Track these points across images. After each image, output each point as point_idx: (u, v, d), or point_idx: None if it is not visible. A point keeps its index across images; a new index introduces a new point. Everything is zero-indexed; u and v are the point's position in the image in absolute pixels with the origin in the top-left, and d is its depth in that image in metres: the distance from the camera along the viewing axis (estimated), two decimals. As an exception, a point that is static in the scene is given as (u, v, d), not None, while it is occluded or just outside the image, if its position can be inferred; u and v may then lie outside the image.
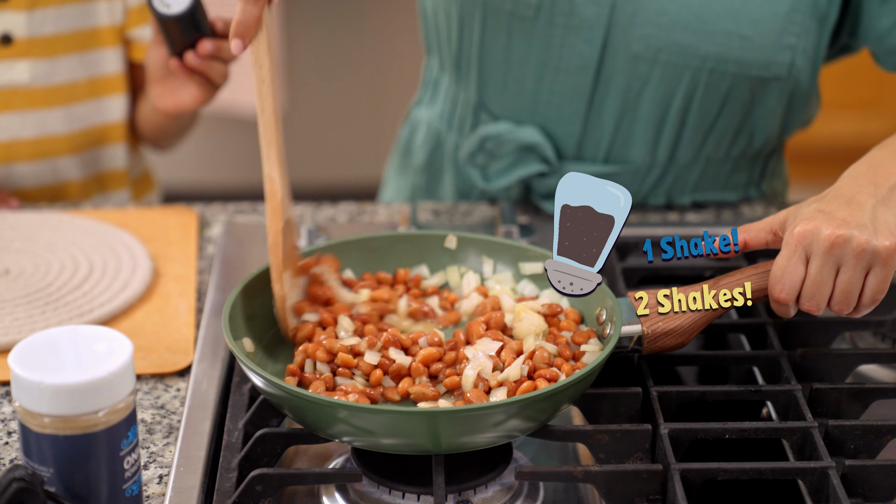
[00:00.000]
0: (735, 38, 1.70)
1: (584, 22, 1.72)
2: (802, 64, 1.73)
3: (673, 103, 1.76)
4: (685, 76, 1.73)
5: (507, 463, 1.35)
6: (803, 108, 1.81)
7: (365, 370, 1.38)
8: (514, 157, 1.82)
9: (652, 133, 1.79)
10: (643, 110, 1.77)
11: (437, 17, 1.84)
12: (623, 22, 1.71)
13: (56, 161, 1.99)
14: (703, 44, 1.70)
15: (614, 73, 1.75)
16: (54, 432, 1.18)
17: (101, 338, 1.22)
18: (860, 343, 1.61)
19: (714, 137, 1.80)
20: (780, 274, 1.37)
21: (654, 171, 1.83)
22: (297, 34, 3.81)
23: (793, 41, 1.71)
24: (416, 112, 2.00)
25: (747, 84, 1.73)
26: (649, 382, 1.42)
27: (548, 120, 1.80)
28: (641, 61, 1.73)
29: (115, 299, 1.63)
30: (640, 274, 1.66)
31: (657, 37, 1.71)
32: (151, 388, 1.50)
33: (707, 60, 1.71)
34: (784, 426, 1.37)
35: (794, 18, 1.70)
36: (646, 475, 1.31)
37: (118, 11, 1.96)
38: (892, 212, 1.39)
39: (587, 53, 1.74)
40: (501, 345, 1.39)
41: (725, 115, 1.77)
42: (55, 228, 1.78)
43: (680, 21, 1.70)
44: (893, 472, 1.33)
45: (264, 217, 1.86)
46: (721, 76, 1.72)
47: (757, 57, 1.71)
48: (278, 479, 1.30)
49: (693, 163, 1.83)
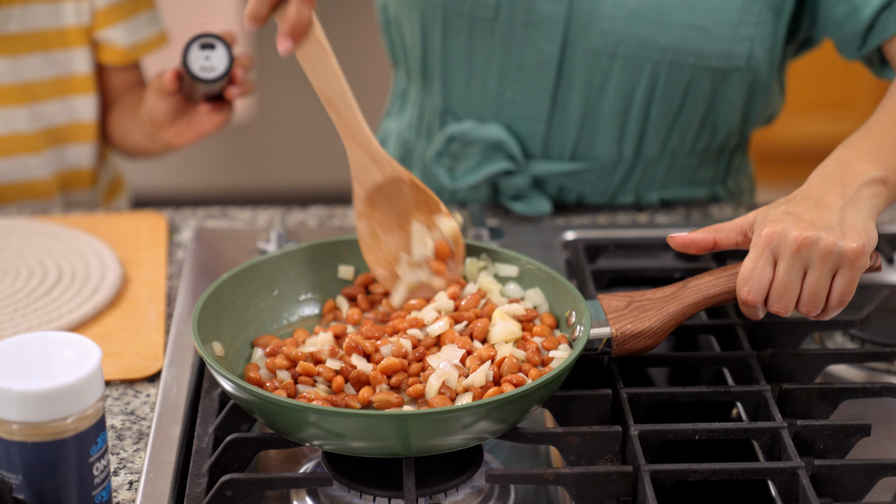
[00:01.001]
0: (693, 29, 1.71)
1: (543, 19, 1.74)
2: (761, 54, 1.74)
3: (635, 97, 1.77)
4: (645, 69, 1.74)
5: (477, 466, 1.35)
6: (765, 100, 1.82)
7: (326, 377, 1.38)
8: (480, 155, 1.82)
9: (616, 128, 1.80)
10: (606, 105, 1.78)
11: (401, 27, 1.85)
12: (582, 17, 1.73)
13: (23, 159, 1.98)
14: (662, 36, 1.72)
15: (575, 70, 1.76)
16: (23, 439, 1.18)
17: (70, 344, 1.22)
18: (829, 343, 1.61)
19: (678, 131, 1.81)
20: (747, 276, 1.38)
21: (621, 167, 1.84)
22: (267, 39, 3.81)
23: (750, 31, 1.72)
24: (386, 124, 2.01)
25: (707, 76, 1.75)
26: (619, 384, 1.42)
27: (513, 119, 1.81)
28: (602, 56, 1.74)
29: (85, 305, 1.63)
30: (610, 276, 1.66)
31: (616, 31, 1.72)
32: (121, 394, 1.50)
33: (666, 52, 1.73)
34: (754, 426, 1.37)
35: (750, 9, 1.71)
36: (616, 477, 1.31)
37: (85, 12, 1.96)
38: (860, 213, 1.40)
39: (548, 50, 1.75)
40: (465, 352, 1.39)
41: (688, 107, 1.78)
42: (23, 234, 1.77)
43: (638, 14, 1.72)
44: (862, 472, 1.33)
45: (234, 221, 1.86)
46: (681, 68, 1.74)
47: (715, 48, 1.72)
48: (248, 484, 1.30)
49: (659, 158, 1.84)
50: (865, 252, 1.36)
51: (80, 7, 1.96)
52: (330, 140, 3.97)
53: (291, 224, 1.85)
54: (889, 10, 1.66)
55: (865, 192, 1.42)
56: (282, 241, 1.73)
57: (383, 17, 1.88)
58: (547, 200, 1.85)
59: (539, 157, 1.83)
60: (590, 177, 1.84)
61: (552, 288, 1.47)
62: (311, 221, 1.87)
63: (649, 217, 1.87)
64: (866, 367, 1.57)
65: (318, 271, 1.53)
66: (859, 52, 1.71)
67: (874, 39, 1.68)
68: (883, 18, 1.67)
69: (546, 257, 1.72)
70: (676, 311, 1.42)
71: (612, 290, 1.64)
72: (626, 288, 1.63)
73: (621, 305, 1.42)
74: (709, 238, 1.42)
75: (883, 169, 1.44)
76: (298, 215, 1.88)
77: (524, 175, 1.82)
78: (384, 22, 1.89)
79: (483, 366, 1.37)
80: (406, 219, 1.51)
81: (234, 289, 1.46)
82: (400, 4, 1.82)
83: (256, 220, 1.87)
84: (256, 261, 1.50)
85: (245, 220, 1.87)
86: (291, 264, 1.52)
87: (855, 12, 1.68)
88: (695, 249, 1.43)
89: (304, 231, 1.81)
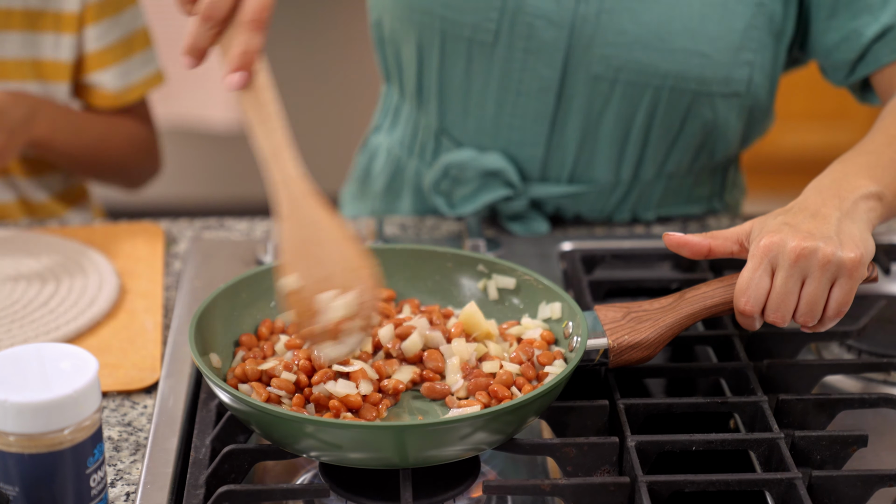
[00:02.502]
0: (694, 55, 1.70)
1: (543, 45, 1.72)
2: (760, 80, 1.74)
3: (635, 122, 1.76)
4: (646, 95, 1.73)
5: (474, 477, 1.35)
6: (763, 124, 1.83)
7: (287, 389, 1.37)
8: (478, 182, 1.81)
9: (615, 152, 1.79)
10: (605, 130, 1.77)
11: (397, 46, 1.82)
12: (582, 43, 1.71)
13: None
14: (663, 62, 1.71)
15: (575, 95, 1.75)
16: (20, 451, 1.18)
17: (67, 355, 1.22)
18: (826, 354, 1.61)
19: (676, 154, 1.80)
20: (745, 286, 1.38)
21: (618, 189, 1.83)
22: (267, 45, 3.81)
23: (750, 57, 1.72)
24: (375, 139, 1.99)
25: (707, 101, 1.74)
26: (616, 395, 1.42)
27: (510, 143, 1.80)
28: (602, 81, 1.73)
29: (82, 316, 1.63)
30: (607, 287, 1.66)
31: (617, 56, 1.71)
32: (118, 406, 1.50)
33: (667, 78, 1.72)
34: (751, 437, 1.37)
35: (751, 34, 1.71)
36: (613, 488, 1.31)
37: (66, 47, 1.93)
38: (857, 225, 1.40)
39: (548, 76, 1.74)
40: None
41: (687, 132, 1.77)
42: (20, 245, 1.77)
43: (639, 40, 1.70)
44: (860, 483, 1.33)
45: (231, 232, 1.86)
46: (681, 94, 1.73)
47: (716, 73, 1.72)
48: (245, 495, 1.30)
49: (656, 179, 1.83)
50: (864, 262, 1.36)
51: (60, 41, 1.93)
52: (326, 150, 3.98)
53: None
54: (882, 41, 1.66)
55: (862, 206, 1.42)
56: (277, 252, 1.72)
57: (377, 34, 1.85)
58: (544, 221, 1.84)
59: (537, 181, 1.82)
60: (587, 198, 1.83)
61: (549, 299, 1.47)
62: (307, 232, 1.86)
63: (646, 228, 1.87)
64: (863, 378, 1.57)
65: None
66: (847, 79, 1.72)
67: (864, 69, 1.69)
68: (875, 49, 1.67)
69: (543, 268, 1.72)
70: (673, 321, 1.42)
71: (609, 300, 1.64)
72: (623, 299, 1.63)
73: (618, 316, 1.42)
74: (704, 243, 1.42)
75: (879, 185, 1.44)
76: (295, 226, 1.88)
77: (522, 199, 1.81)
78: (378, 39, 1.85)
79: (461, 339, 1.40)
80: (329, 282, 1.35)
81: (231, 300, 1.46)
82: (396, 24, 1.80)
83: (254, 230, 1.86)
84: (254, 272, 1.49)
85: (242, 231, 1.87)
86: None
87: (848, 41, 1.68)
88: (688, 252, 1.42)
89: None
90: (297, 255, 1.33)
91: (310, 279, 1.32)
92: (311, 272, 1.32)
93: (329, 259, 1.33)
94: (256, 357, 1.42)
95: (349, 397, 1.34)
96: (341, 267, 1.33)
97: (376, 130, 1.99)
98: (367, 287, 1.33)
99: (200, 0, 1.34)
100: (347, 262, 1.33)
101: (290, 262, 1.33)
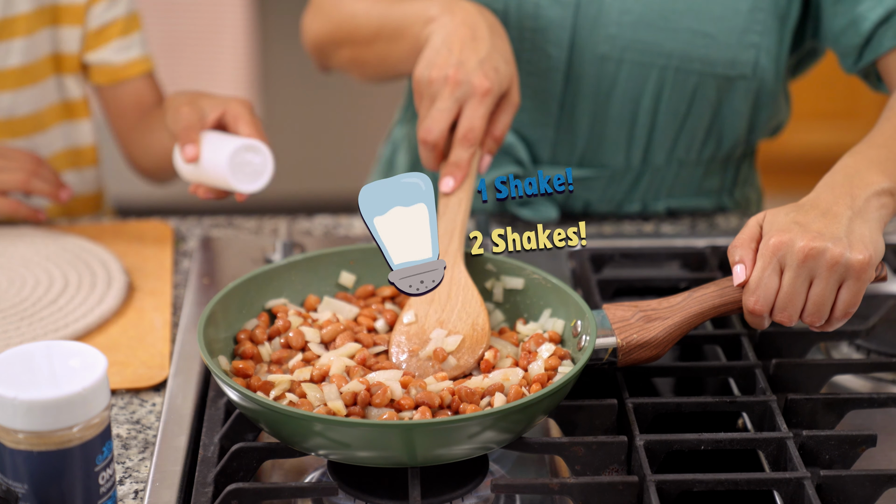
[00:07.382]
0: (698, 35, 1.72)
1: (549, 24, 1.75)
2: (766, 63, 1.75)
3: (642, 103, 1.78)
4: (652, 75, 1.75)
5: (483, 475, 1.35)
6: (770, 110, 1.83)
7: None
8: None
9: (624, 135, 1.81)
10: (613, 112, 1.79)
11: None
12: (588, 22, 1.74)
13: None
14: (668, 42, 1.73)
15: (583, 75, 1.77)
16: (29, 448, 1.18)
17: (76, 353, 1.22)
18: (835, 354, 1.61)
19: (685, 138, 1.82)
20: (754, 285, 1.38)
21: (629, 174, 1.84)
22: (273, 44, 3.81)
23: (756, 39, 1.73)
24: (398, 130, 2.01)
25: (713, 83, 1.76)
26: (625, 394, 1.42)
27: (522, 124, 1.82)
28: (608, 61, 1.75)
29: (90, 314, 1.63)
30: (616, 286, 1.66)
31: (622, 36, 1.74)
32: (127, 403, 1.50)
33: (672, 58, 1.74)
34: (759, 437, 1.37)
35: (756, 16, 1.72)
36: (622, 487, 1.31)
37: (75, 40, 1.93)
38: (868, 225, 1.40)
39: (555, 55, 1.76)
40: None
41: (694, 114, 1.79)
42: (30, 243, 1.78)
43: (644, 20, 1.73)
44: (868, 482, 1.33)
45: (240, 230, 1.86)
46: (687, 75, 1.75)
47: (721, 55, 1.73)
48: (254, 493, 1.30)
49: (666, 166, 1.84)
50: (872, 264, 1.36)
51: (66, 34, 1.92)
52: (335, 149, 3.98)
53: (297, 233, 1.85)
54: (886, 25, 1.67)
55: (874, 203, 1.42)
56: (287, 250, 1.73)
57: None
58: (554, 207, 1.85)
59: (548, 163, 1.84)
60: (598, 184, 1.84)
61: (558, 298, 1.47)
62: (317, 230, 1.87)
63: (655, 227, 1.87)
64: (872, 378, 1.57)
65: (324, 280, 1.54)
66: (856, 65, 1.72)
67: (870, 54, 1.69)
68: (879, 33, 1.67)
69: (552, 267, 1.72)
70: (682, 320, 1.42)
71: (618, 299, 1.64)
72: (632, 298, 1.62)
73: (627, 315, 1.42)
74: (748, 266, 1.41)
75: (891, 180, 1.44)
76: (304, 224, 1.88)
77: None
78: None
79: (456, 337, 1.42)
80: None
81: (240, 298, 1.46)
82: None
83: (262, 229, 1.87)
84: (262, 270, 1.50)
85: (250, 230, 1.87)
86: (297, 273, 1.52)
87: (853, 26, 1.69)
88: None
89: (310, 240, 1.81)
90: (425, 297, 1.47)
91: (426, 319, 1.46)
92: (428, 313, 1.47)
93: (450, 305, 1.48)
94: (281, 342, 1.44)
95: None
96: (457, 313, 1.47)
97: (399, 122, 2.01)
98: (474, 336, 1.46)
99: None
100: (465, 311, 1.47)
101: (413, 301, 1.48)
